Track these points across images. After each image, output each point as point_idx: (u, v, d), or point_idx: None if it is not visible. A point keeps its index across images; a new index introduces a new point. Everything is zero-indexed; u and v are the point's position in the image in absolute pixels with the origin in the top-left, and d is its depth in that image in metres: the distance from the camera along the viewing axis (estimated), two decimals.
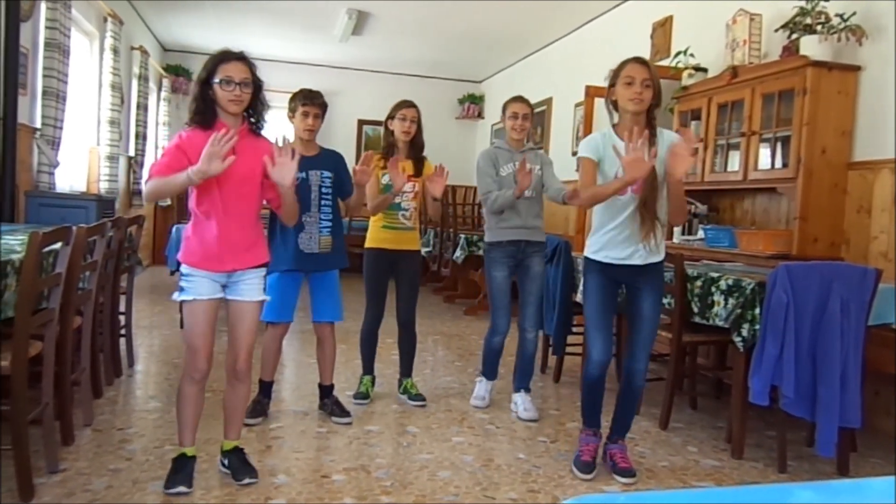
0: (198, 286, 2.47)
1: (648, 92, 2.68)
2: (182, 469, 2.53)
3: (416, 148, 3.66)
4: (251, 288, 2.57)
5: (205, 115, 2.47)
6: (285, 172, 2.47)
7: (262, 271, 2.61)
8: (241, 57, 2.48)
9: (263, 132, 2.61)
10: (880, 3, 3.84)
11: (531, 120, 3.70)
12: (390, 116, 3.66)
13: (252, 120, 2.56)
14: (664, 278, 2.96)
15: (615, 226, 2.77)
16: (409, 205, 3.65)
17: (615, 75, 2.76)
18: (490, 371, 3.80)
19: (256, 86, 2.51)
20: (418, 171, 3.65)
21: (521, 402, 3.64)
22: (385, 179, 3.49)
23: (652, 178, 2.67)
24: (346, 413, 3.40)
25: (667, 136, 2.78)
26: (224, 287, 2.54)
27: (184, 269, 2.50)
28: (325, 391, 3.49)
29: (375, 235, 3.67)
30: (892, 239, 3.75)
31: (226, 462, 2.66)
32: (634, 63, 2.72)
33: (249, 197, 2.53)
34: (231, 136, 2.31)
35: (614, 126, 2.81)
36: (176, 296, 2.50)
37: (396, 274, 3.69)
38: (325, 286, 3.36)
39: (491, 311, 3.71)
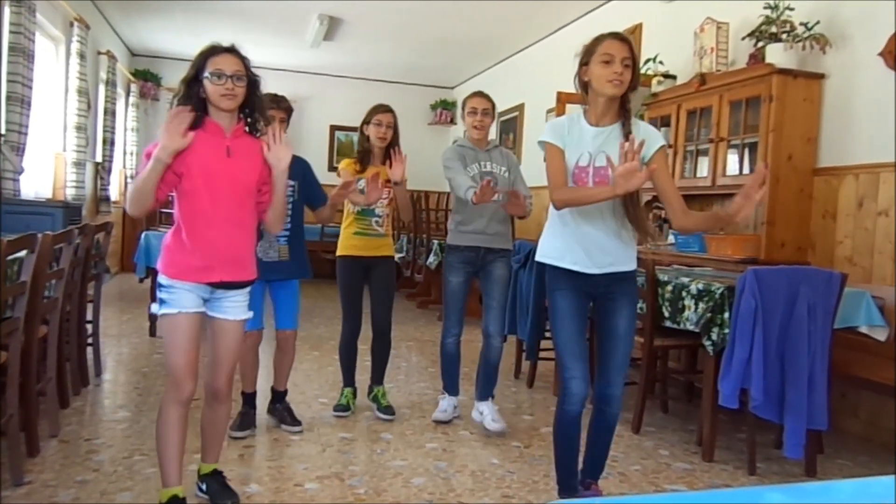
0: (180, 298, 2.24)
1: (628, 73, 2.32)
2: None
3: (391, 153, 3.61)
4: (235, 306, 2.36)
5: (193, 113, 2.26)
6: (281, 154, 2.31)
7: (248, 289, 2.41)
8: (231, 49, 2.30)
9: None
10: (843, 12, 3.94)
11: (492, 116, 3.53)
12: (366, 121, 3.58)
13: (249, 120, 2.37)
14: (637, 289, 2.67)
15: (588, 228, 2.39)
16: (383, 211, 3.58)
17: (589, 52, 2.38)
18: (451, 385, 3.61)
19: (252, 81, 2.33)
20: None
21: (488, 413, 3.45)
22: (360, 185, 3.42)
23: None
24: (296, 422, 3.34)
25: (643, 129, 2.42)
26: (205, 302, 2.32)
27: (163, 279, 2.27)
28: (278, 396, 3.45)
29: (347, 243, 3.60)
30: (856, 243, 3.83)
31: (203, 487, 2.50)
32: (613, 39, 2.36)
33: (244, 203, 2.32)
34: (188, 109, 2.19)
35: (585, 111, 2.46)
36: (155, 308, 2.31)
37: (370, 281, 3.63)
38: (284, 294, 3.33)
39: (444, 313, 3.63)
